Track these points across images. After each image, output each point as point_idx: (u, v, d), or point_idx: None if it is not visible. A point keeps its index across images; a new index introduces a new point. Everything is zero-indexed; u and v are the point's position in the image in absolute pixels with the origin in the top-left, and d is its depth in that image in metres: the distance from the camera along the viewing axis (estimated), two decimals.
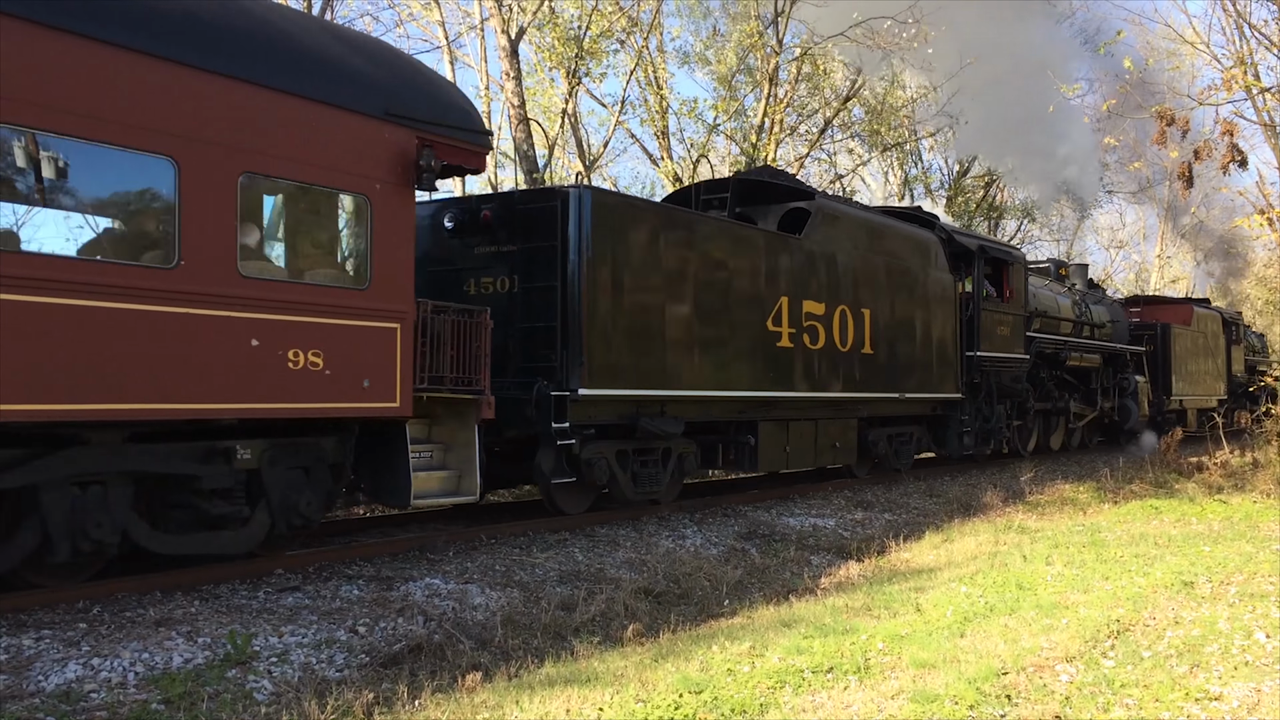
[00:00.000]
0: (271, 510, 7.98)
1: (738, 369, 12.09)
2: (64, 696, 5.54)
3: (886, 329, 14.76)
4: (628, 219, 10.85)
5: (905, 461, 16.45)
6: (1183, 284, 58.52)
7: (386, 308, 8.25)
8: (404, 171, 8.35)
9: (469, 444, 9.24)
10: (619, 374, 10.56)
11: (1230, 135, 17.59)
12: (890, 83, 29.71)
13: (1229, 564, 9.07)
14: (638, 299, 10.77)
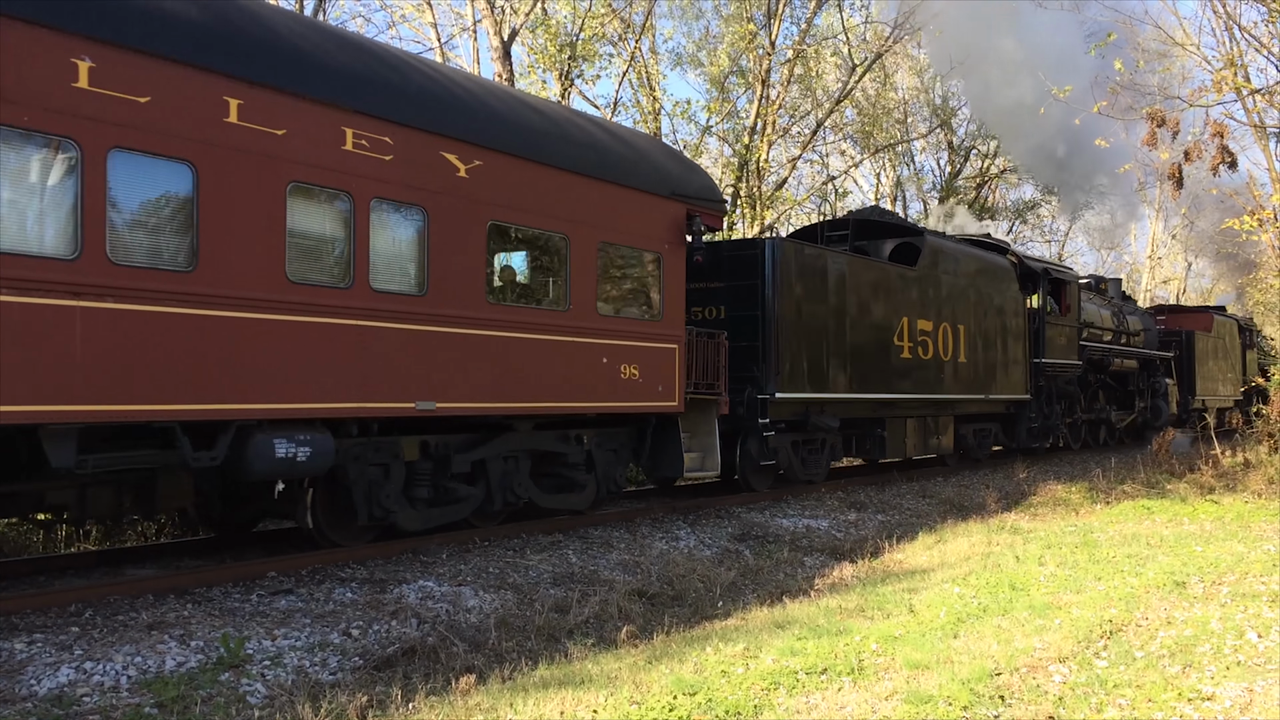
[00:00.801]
0: (598, 479, 11.49)
1: (873, 376, 15.21)
2: (56, 700, 5.52)
3: (976, 341, 17.86)
4: (802, 261, 13.99)
5: (985, 452, 19.53)
6: (1174, 285, 58.73)
7: (672, 333, 11.70)
8: (680, 234, 11.84)
9: (710, 433, 12.49)
10: (798, 381, 13.73)
11: (1221, 137, 17.66)
12: (883, 84, 29.80)
13: (1221, 564, 9.10)
14: (808, 322, 13.98)
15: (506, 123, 9.91)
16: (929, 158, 37.59)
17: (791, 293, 13.65)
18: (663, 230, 11.60)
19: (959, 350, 17.32)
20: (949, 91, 35.96)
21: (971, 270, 18.01)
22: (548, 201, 10.16)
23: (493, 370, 9.56)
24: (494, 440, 10.14)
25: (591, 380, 10.65)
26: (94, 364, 6.73)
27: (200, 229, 7.35)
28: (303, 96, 8.01)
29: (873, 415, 15.60)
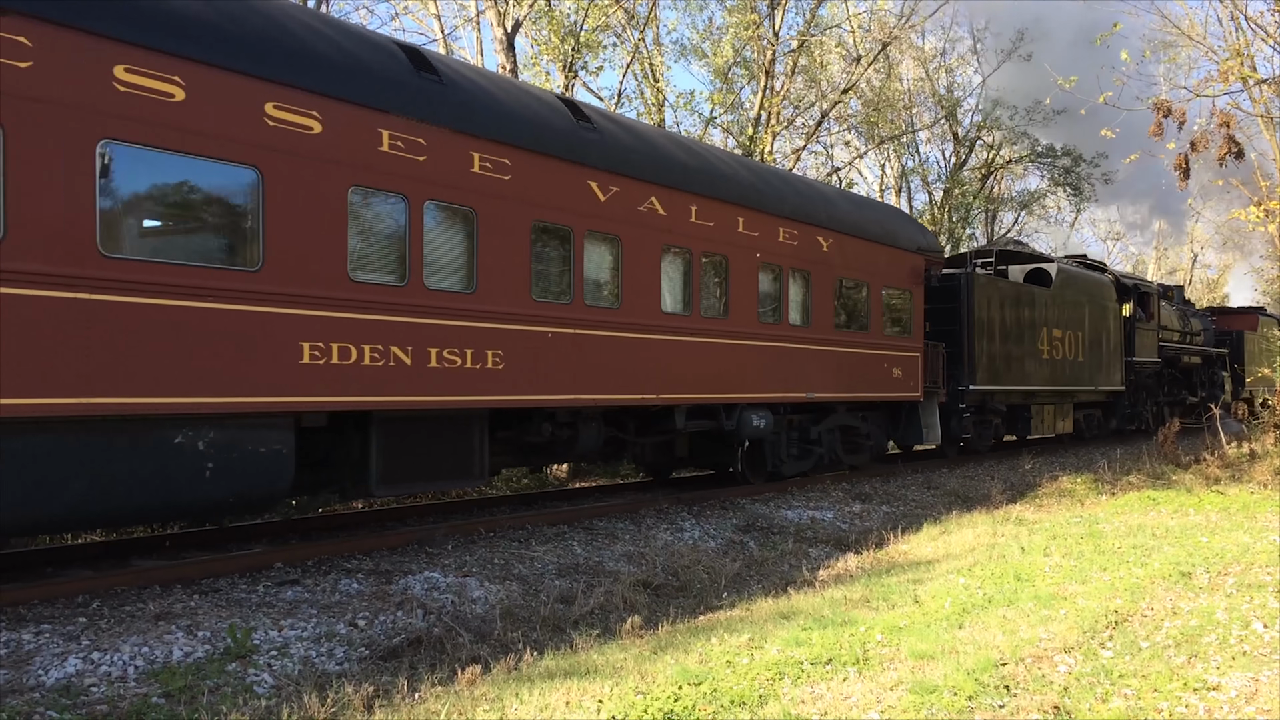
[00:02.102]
0: (870, 447, 16.56)
1: (1024, 372, 19.93)
2: (64, 691, 5.55)
3: (1088, 344, 22.54)
4: (984, 287, 18.80)
5: (1093, 433, 24.49)
6: (1179, 276, 58.64)
7: (916, 345, 16.73)
8: (920, 276, 16.90)
9: (934, 414, 17.45)
10: (982, 377, 18.53)
11: (1227, 127, 17.59)
12: (887, 74, 29.71)
13: (1226, 555, 9.09)
14: (988, 333, 18.72)
15: (848, 220, 15.20)
16: (934, 148, 37.60)
17: (979, 312, 18.41)
18: (911, 274, 16.66)
19: (1078, 352, 22.03)
20: (954, 82, 35.91)
21: (1086, 288, 22.74)
22: (863, 262, 15.38)
23: (836, 371, 14.71)
24: (828, 417, 15.23)
25: (879, 378, 15.78)
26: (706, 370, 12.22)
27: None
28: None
29: (1023, 402, 20.52)
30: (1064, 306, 21.31)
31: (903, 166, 36.08)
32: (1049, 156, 36.87)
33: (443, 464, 9.30)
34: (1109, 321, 23.50)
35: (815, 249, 14.21)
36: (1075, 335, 21.76)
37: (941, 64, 35.40)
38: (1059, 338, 21.02)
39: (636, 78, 24.49)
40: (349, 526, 10.65)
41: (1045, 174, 38.56)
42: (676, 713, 5.02)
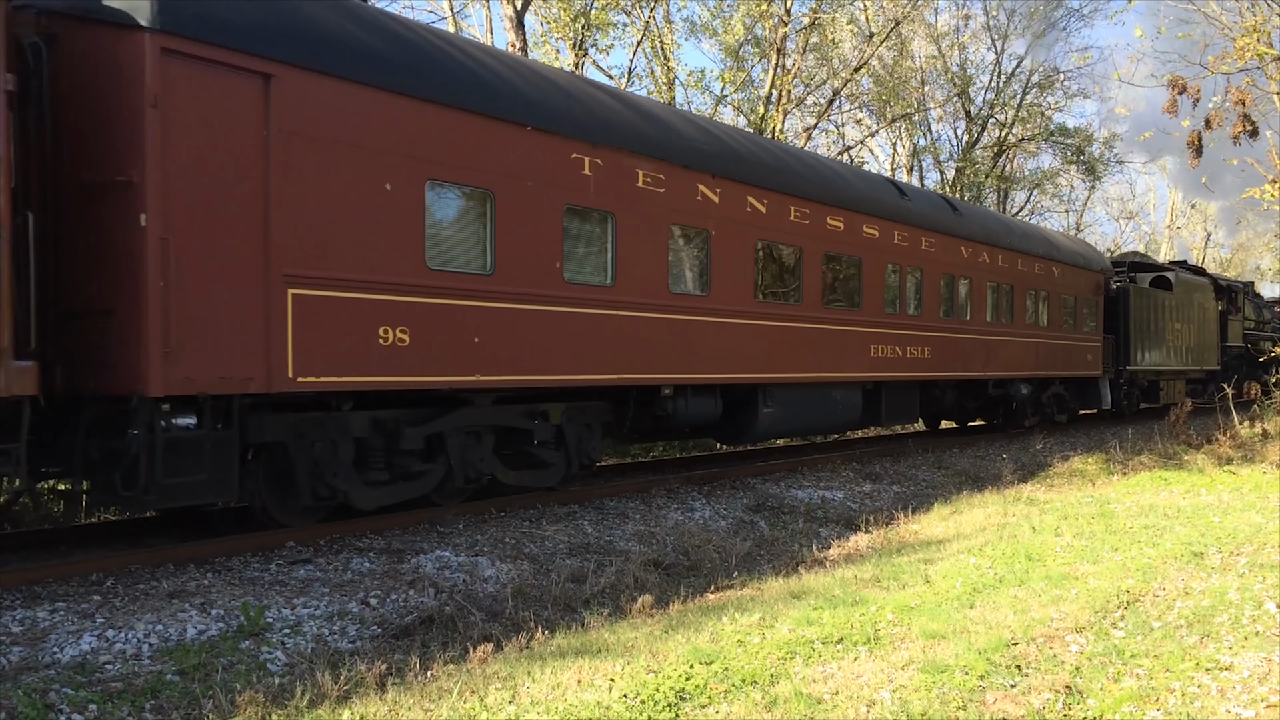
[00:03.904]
0: (1071, 408, 23.19)
1: (1158, 357, 25.72)
2: (79, 668, 5.58)
3: (1196, 333, 28.13)
4: (1136, 295, 24.55)
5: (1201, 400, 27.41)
6: (1193, 255, 58.26)
7: (1099, 338, 23.11)
8: (1100, 289, 23.48)
9: (1106, 387, 23.65)
10: (1135, 360, 24.47)
11: (1242, 104, 17.42)
12: (899, 52, 29.50)
13: (1239, 535, 9.07)
14: (1139, 327, 24.57)
15: (1066, 254, 21.91)
16: (946, 127, 37.28)
17: (1134, 314, 24.29)
18: (1096, 288, 23.26)
19: (1190, 340, 27.61)
20: (966, 59, 35.65)
21: (1194, 289, 28.46)
22: (1071, 281, 21.89)
23: (1059, 356, 21.21)
24: (1050, 387, 21.87)
25: (1079, 361, 22.21)
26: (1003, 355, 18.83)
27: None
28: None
29: (1156, 378, 26.20)
30: (1181, 306, 27.06)
31: (914, 145, 35.89)
32: (1061, 135, 36.65)
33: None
34: (1209, 315, 29.38)
35: (1050, 275, 20.94)
36: (1188, 327, 27.48)
37: (954, 41, 35.13)
38: (1178, 329, 26.73)
39: (646, 56, 24.40)
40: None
41: (1057, 153, 38.34)
42: (688, 691, 5.03)
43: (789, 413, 13.29)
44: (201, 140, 7.15)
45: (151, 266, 6.86)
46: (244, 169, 7.39)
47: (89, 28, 7.02)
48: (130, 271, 6.89)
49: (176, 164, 7.00)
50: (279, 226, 7.57)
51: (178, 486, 7.17)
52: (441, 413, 9.33)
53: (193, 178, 7.11)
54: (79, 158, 7.03)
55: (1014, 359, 19.23)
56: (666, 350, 11.15)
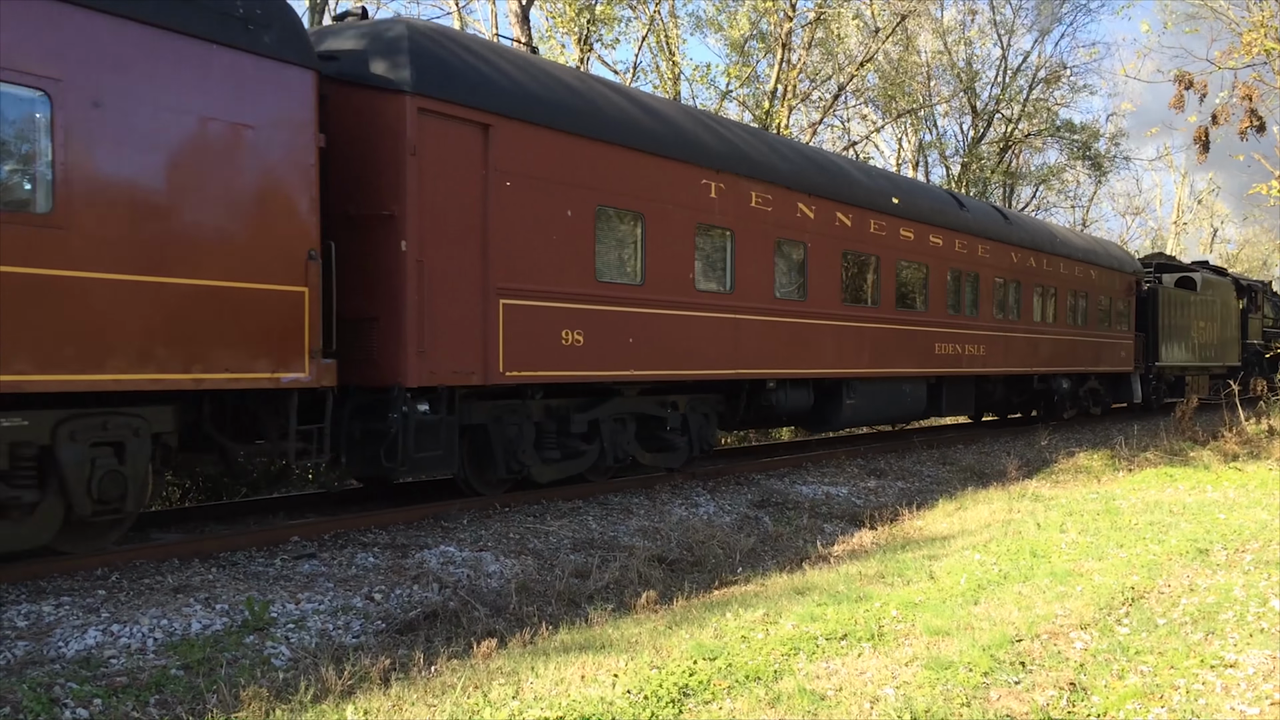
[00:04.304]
0: (1105, 402, 24.52)
1: (1184, 354, 26.90)
2: (84, 662, 5.60)
3: (1219, 330, 29.09)
4: (1165, 295, 25.91)
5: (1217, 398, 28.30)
6: (1200, 250, 58.10)
7: (1130, 336, 24.49)
8: (1132, 289, 24.82)
9: (1137, 381, 24.83)
10: (1165, 356, 25.71)
11: (1249, 100, 17.36)
12: (905, 47, 29.42)
13: (1244, 531, 9.05)
14: (1166, 326, 25.81)
15: (1102, 259, 23.43)
16: (952, 122, 37.20)
17: (1162, 313, 25.52)
18: (1128, 289, 24.46)
19: (1213, 337, 28.59)
20: (973, 54, 35.56)
21: (1217, 289, 29.27)
22: (1107, 283, 23.28)
23: (1095, 353, 22.61)
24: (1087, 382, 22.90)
25: (1112, 357, 23.49)
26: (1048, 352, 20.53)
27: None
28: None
29: (1182, 374, 27.32)
30: (1205, 305, 28.13)
31: (920, 141, 35.82)
32: (1068, 130, 36.56)
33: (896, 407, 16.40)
34: (1231, 314, 30.35)
35: (1088, 278, 22.32)
36: (1211, 325, 28.55)
37: (961, 36, 35.04)
38: (1203, 327, 27.84)
39: (652, 50, 24.36)
40: (364, 501, 10.70)
41: (1064, 148, 38.25)
42: (692, 687, 5.03)
43: (867, 404, 14.90)
44: (442, 180, 8.83)
45: (410, 283, 8.54)
46: (470, 202, 9.09)
47: (359, 90, 8.67)
48: (392, 287, 8.54)
49: (426, 200, 8.68)
50: (494, 248, 9.25)
51: (422, 460, 8.82)
52: (599, 402, 10.90)
53: (437, 210, 8.79)
54: (347, 195, 8.57)
55: (1056, 356, 20.77)
56: (772, 348, 12.76)
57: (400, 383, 8.51)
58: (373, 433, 8.59)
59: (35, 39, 6.33)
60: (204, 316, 7.19)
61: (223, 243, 7.34)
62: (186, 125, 7.15)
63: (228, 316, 7.33)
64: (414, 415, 8.62)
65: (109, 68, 6.71)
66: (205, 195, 7.24)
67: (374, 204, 8.57)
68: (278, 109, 7.68)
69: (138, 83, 6.86)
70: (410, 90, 8.54)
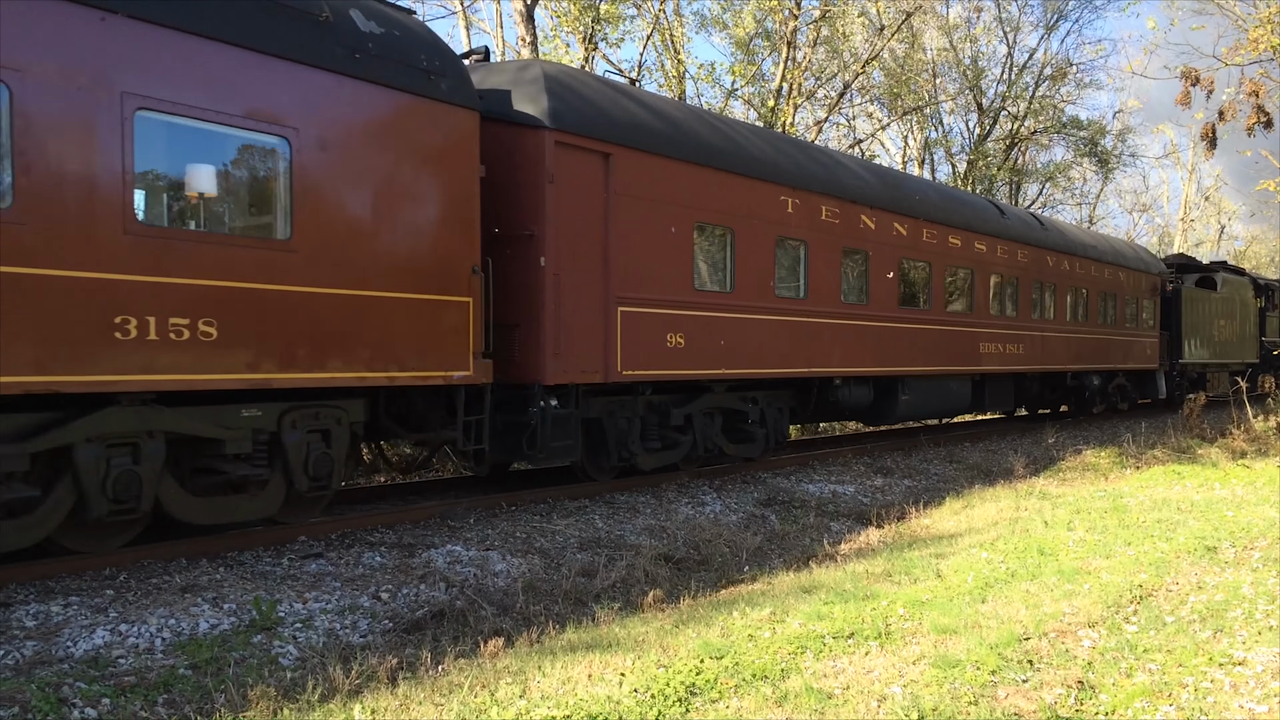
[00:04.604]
0: (1132, 397, 25.53)
1: (1206, 351, 27.89)
2: (92, 662, 5.61)
3: (1238, 328, 30.14)
4: (1188, 295, 26.69)
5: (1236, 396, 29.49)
6: (1207, 247, 57.93)
7: (1155, 334, 25.55)
8: (1157, 290, 26.23)
9: (1161, 378, 25.91)
10: (1186, 354, 26.56)
11: (1256, 96, 17.31)
12: (911, 45, 29.35)
13: (1253, 529, 9.02)
14: (1189, 324, 26.70)
15: (1131, 261, 24.57)
16: (958, 119, 37.12)
17: (1185, 312, 26.39)
18: (1153, 290, 25.51)
19: (1232, 335, 29.64)
20: (978, 51, 35.49)
21: (1237, 288, 30.32)
22: (1134, 284, 24.41)
23: (1124, 351, 23.66)
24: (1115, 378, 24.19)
25: (1139, 355, 24.53)
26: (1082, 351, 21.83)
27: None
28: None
29: (1204, 371, 28.33)
30: (1225, 303, 29.06)
31: (926, 138, 35.75)
32: (1074, 127, 36.47)
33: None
34: (1249, 312, 31.46)
35: (1117, 279, 23.45)
36: (1231, 323, 29.60)
37: (966, 33, 34.97)
38: (1222, 325, 28.90)
39: (657, 49, 24.33)
40: (371, 500, 10.72)
41: (1070, 145, 38.16)
42: (699, 685, 5.03)
43: (920, 399, 16.09)
44: (573, 203, 10.11)
45: (548, 294, 9.80)
46: (594, 221, 10.35)
47: (505, 126, 9.86)
48: (533, 297, 9.80)
49: (561, 221, 9.93)
50: (613, 262, 10.51)
51: (555, 448, 10.05)
52: (693, 398, 12.11)
53: (568, 230, 10.03)
54: (495, 217, 9.66)
55: (1088, 354, 21.95)
56: (839, 349, 13.98)
57: (539, 380, 9.78)
58: (513, 424, 9.87)
59: (277, 95, 7.59)
60: (396, 324, 8.45)
61: (410, 261, 8.61)
62: (386, 162, 8.41)
63: (413, 323, 8.58)
64: (550, 409, 9.89)
65: (331, 117, 7.97)
66: (397, 220, 8.50)
67: (517, 225, 9.82)
68: (451, 145, 8.97)
69: (351, 128, 8.14)
70: (549, 126, 9.84)
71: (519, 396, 9.85)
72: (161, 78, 6.90)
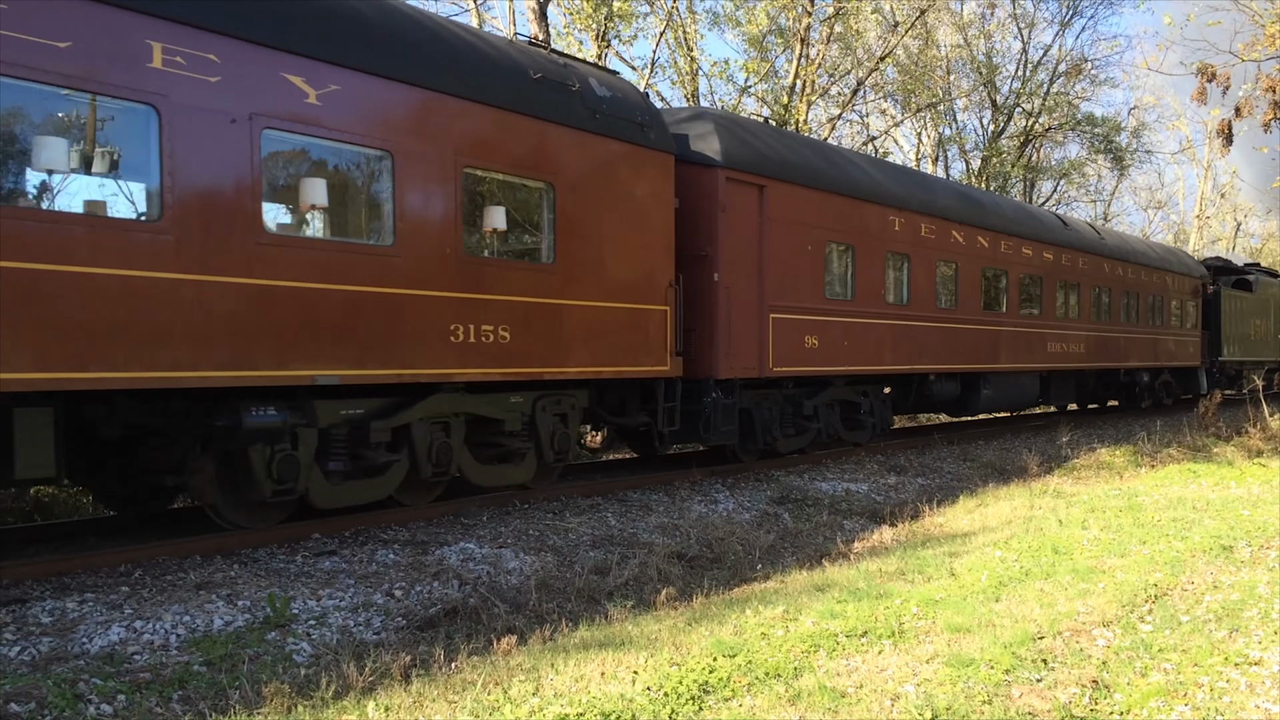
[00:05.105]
0: (1176, 392, 26.96)
1: (1242, 347, 29.32)
2: (108, 658, 5.64)
3: (1272, 326, 31.83)
4: (1227, 296, 28.29)
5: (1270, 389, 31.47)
6: (1223, 244, 57.56)
7: (1198, 333, 27.38)
8: (1199, 292, 27.84)
9: (1203, 374, 27.66)
10: (1224, 352, 28.01)
11: (1273, 92, 17.19)
12: (925, 41, 29.26)
13: (1269, 528, 8.97)
14: (1228, 324, 28.14)
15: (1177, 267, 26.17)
16: (971, 116, 36.99)
17: (1224, 313, 27.95)
18: (1195, 292, 27.07)
19: (1266, 333, 31.32)
20: (992, 48, 35.36)
21: (1270, 289, 32.13)
22: (1180, 287, 26.11)
23: (1171, 348, 25.41)
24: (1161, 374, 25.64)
25: (1183, 352, 26.11)
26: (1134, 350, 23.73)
27: None
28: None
29: (1241, 367, 29.91)
30: (1260, 303, 30.87)
31: (939, 135, 35.63)
32: (1089, 124, 36.29)
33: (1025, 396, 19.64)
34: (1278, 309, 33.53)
35: (1164, 283, 25.15)
36: (1265, 323, 31.44)
37: (980, 30, 34.83)
38: (1257, 325, 30.67)
39: (670, 46, 24.31)
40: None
41: (1085, 142, 37.98)
42: (712, 684, 5.03)
43: (998, 393, 18.14)
44: (737, 227, 12.11)
45: (720, 304, 11.82)
46: (751, 242, 12.33)
47: (686, 165, 11.73)
48: (708, 306, 11.78)
49: (729, 243, 11.95)
50: (766, 275, 12.47)
51: (723, 432, 12.02)
52: (820, 390, 14.09)
53: (734, 250, 12.04)
54: (678, 239, 11.44)
55: (1140, 352, 23.88)
56: (933, 348, 15.87)
57: (713, 375, 11.75)
58: (688, 412, 11.73)
59: (547, 148, 9.75)
60: (618, 328, 10.59)
61: (628, 277, 10.73)
62: (613, 198, 10.55)
63: (629, 328, 10.74)
64: (720, 399, 11.80)
65: (579, 164, 10.13)
66: (621, 245, 10.62)
67: (695, 246, 11.74)
68: (656, 183, 11.12)
69: (591, 172, 10.29)
70: (721, 164, 11.86)
71: (693, 388, 11.72)
72: (484, 146, 9.20)
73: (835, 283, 13.99)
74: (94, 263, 6.48)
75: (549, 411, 10.19)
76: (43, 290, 6.25)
